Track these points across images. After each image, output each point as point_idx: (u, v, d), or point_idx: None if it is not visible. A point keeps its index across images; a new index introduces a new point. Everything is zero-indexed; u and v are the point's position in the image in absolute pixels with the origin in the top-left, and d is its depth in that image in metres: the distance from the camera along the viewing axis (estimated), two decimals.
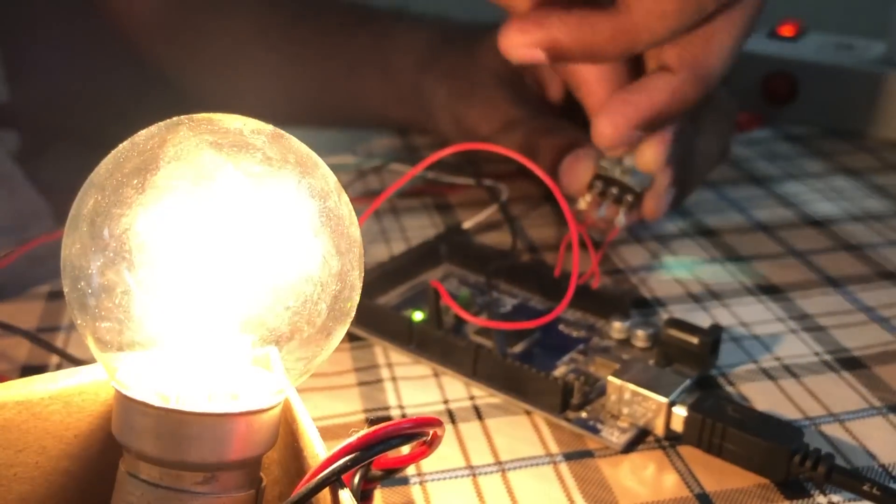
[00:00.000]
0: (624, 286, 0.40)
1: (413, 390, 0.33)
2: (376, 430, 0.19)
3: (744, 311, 0.37)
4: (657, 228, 0.44)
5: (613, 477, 0.28)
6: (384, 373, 0.34)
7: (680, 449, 0.29)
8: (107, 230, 0.20)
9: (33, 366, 0.34)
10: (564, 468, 0.29)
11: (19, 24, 0.58)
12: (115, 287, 0.20)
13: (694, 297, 0.39)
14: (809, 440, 0.28)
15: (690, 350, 0.32)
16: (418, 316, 0.35)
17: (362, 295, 0.22)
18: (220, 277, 0.20)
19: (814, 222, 0.46)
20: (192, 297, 0.20)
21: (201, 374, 0.20)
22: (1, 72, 0.56)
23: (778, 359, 0.34)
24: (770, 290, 0.39)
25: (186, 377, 0.20)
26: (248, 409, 0.20)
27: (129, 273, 0.20)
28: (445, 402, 0.32)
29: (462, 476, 0.28)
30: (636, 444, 0.30)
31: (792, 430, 0.28)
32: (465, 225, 0.44)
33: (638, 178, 0.39)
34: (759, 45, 0.59)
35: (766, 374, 0.33)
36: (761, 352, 0.35)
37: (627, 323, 0.35)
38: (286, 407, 0.22)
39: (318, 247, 0.21)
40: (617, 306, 0.36)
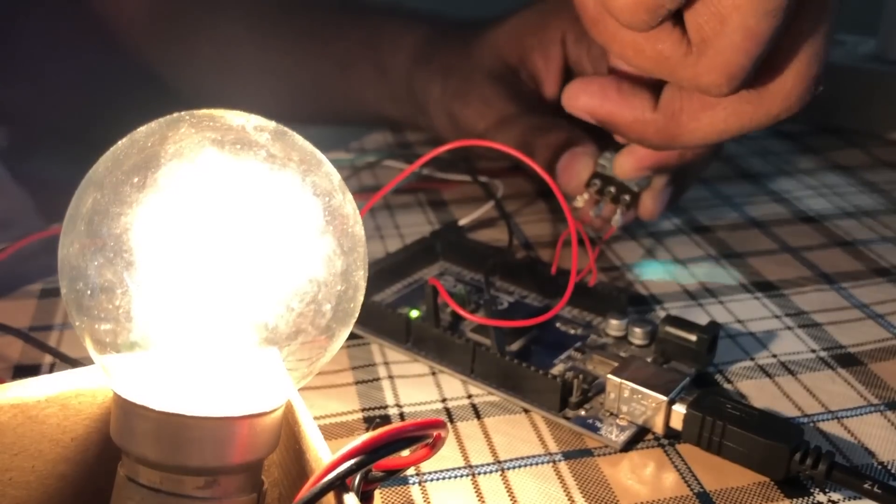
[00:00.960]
0: (619, 283, 0.40)
1: (410, 389, 0.32)
2: (381, 434, 0.19)
3: (739, 308, 0.37)
4: (652, 225, 0.44)
5: (613, 476, 0.28)
6: (381, 371, 0.33)
7: (679, 447, 0.29)
8: (106, 229, 0.19)
9: (26, 365, 0.34)
10: (564, 467, 0.29)
11: (6, 21, 0.57)
12: (114, 287, 0.19)
13: (690, 294, 0.39)
14: (808, 438, 0.28)
15: (688, 347, 0.32)
16: (415, 314, 0.35)
17: None
18: (221, 278, 0.19)
19: (807, 218, 0.46)
20: (193, 298, 0.20)
21: (202, 376, 0.20)
22: None
23: (775, 356, 0.34)
24: (765, 287, 0.39)
25: (187, 380, 0.20)
26: (250, 413, 0.20)
27: (129, 273, 0.19)
28: (443, 400, 0.32)
29: (461, 476, 0.28)
30: (635, 442, 0.30)
31: (792, 428, 0.28)
32: (460, 222, 0.44)
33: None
34: None
35: (764, 371, 0.33)
36: (758, 349, 0.35)
37: (624, 320, 0.35)
38: (288, 409, 0.22)
39: (323, 246, 0.20)
40: (614, 303, 0.36)
